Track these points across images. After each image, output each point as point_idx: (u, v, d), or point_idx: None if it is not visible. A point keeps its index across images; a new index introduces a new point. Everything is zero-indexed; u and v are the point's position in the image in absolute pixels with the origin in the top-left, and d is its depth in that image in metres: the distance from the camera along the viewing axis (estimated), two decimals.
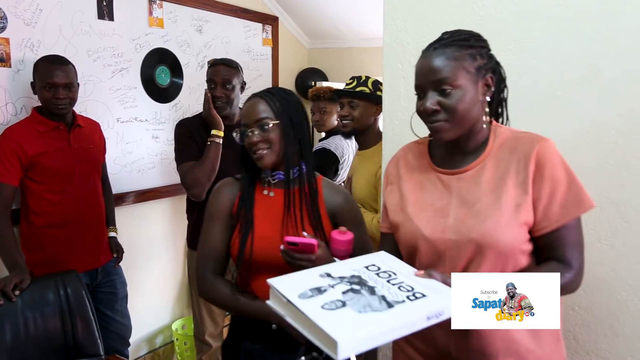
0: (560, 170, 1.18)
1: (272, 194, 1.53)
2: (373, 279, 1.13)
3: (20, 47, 2.36)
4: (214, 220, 1.54)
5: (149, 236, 3.04)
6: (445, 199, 1.25)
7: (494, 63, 1.24)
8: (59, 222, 2.23)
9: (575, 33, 1.57)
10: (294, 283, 1.12)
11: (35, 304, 1.99)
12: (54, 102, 2.15)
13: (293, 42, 4.10)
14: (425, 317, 1.03)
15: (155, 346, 3.18)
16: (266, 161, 1.47)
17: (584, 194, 1.18)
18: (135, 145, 2.91)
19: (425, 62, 1.20)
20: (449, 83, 1.16)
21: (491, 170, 1.22)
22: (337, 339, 0.91)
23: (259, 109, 1.47)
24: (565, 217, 1.17)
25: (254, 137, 1.45)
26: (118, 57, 2.77)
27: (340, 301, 1.04)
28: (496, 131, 1.26)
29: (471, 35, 1.22)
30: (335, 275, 1.15)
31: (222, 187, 1.57)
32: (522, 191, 1.17)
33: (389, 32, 1.89)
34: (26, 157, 2.13)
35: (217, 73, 2.39)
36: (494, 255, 1.17)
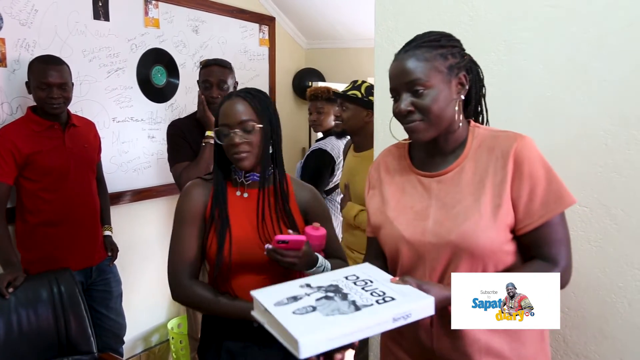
0: (539, 167, 1.17)
1: (246, 194, 1.54)
2: (348, 287, 1.16)
3: (15, 47, 2.37)
4: (185, 223, 1.51)
5: (144, 235, 3.05)
6: (425, 202, 1.25)
7: (468, 62, 1.24)
8: (53, 221, 2.25)
9: (565, 34, 1.58)
10: (274, 292, 1.16)
11: (29, 302, 2.01)
12: (48, 102, 2.16)
13: (290, 42, 4.10)
14: (392, 318, 1.05)
15: (151, 344, 3.19)
16: (246, 164, 1.47)
17: (564, 190, 1.17)
18: (131, 144, 2.92)
19: (398, 65, 1.21)
20: (422, 84, 1.17)
21: (470, 171, 1.22)
22: (298, 339, 0.97)
23: (242, 110, 1.46)
24: (547, 214, 1.16)
25: (236, 138, 1.45)
26: (114, 57, 2.78)
27: (311, 306, 1.09)
28: (474, 131, 1.26)
29: (442, 35, 1.23)
30: (314, 285, 1.18)
31: (192, 188, 1.54)
32: (500, 191, 1.17)
33: (380, 32, 1.90)
34: (21, 156, 2.15)
35: (212, 74, 2.40)
36: (473, 256, 1.17)
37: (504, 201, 1.16)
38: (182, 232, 1.51)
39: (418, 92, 1.17)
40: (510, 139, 1.20)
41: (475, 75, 1.26)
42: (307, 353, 0.98)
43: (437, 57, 1.18)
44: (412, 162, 1.32)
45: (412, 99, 1.19)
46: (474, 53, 1.72)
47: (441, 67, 1.18)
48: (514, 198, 1.17)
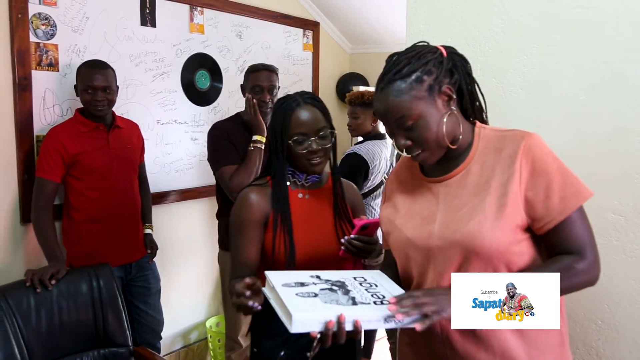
0: (552, 162, 1.14)
1: (307, 196, 1.59)
2: (353, 285, 1.23)
3: (67, 53, 2.50)
4: (246, 232, 1.54)
5: (185, 234, 3.14)
6: (433, 207, 1.23)
7: (448, 64, 1.18)
8: (96, 218, 2.35)
9: (598, 36, 1.53)
10: (286, 276, 1.25)
11: (70, 294, 2.10)
12: (93, 104, 2.27)
13: (334, 46, 4.13)
14: (383, 318, 1.09)
15: (189, 342, 3.27)
16: (321, 168, 1.55)
17: (579, 183, 1.14)
18: (174, 146, 3.02)
19: (380, 105, 1.18)
20: (408, 118, 1.15)
21: (476, 173, 1.20)
22: (293, 315, 1.06)
23: (318, 117, 1.53)
24: (567, 209, 1.12)
25: (314, 145, 1.51)
26: (159, 62, 2.89)
27: (313, 293, 1.17)
28: (480, 133, 1.23)
29: (410, 57, 1.17)
30: (323, 278, 1.25)
31: (249, 195, 1.56)
32: (507, 190, 1.14)
33: (411, 36, 1.89)
34: (68, 156, 2.26)
35: (264, 79, 2.45)
36: (480, 258, 1.15)
37: (510, 200, 1.13)
38: (241, 240, 1.54)
39: (407, 126, 1.16)
40: (517, 138, 1.16)
41: (461, 68, 1.20)
42: (297, 329, 1.06)
43: (413, 85, 1.14)
44: (422, 171, 1.31)
45: (406, 134, 1.18)
46: (504, 56, 1.71)
47: (421, 93, 1.14)
48: (529, 197, 1.13)
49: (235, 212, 1.57)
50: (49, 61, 2.44)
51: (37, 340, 1.97)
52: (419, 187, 1.29)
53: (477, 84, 1.25)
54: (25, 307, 1.97)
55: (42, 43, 2.40)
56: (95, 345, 2.14)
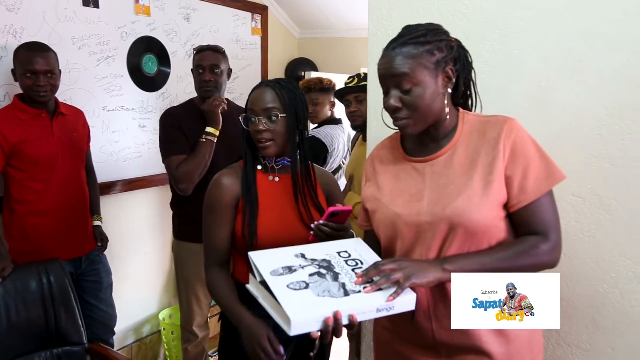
0: (530, 145, 1.22)
1: (277, 179, 1.60)
2: (340, 265, 1.24)
3: (2, 34, 2.32)
4: (217, 213, 1.56)
5: (135, 225, 3.03)
6: (420, 185, 1.28)
7: (455, 51, 1.25)
8: (42, 211, 2.22)
9: (561, 23, 1.57)
10: (271, 258, 1.26)
11: (18, 292, 1.98)
12: (34, 89, 2.12)
13: (283, 31, 4.07)
14: (375, 308, 1.12)
15: (142, 335, 3.17)
16: (269, 152, 1.54)
17: (554, 166, 1.22)
18: (121, 134, 2.89)
19: (385, 62, 1.23)
20: (409, 80, 1.20)
21: (462, 154, 1.26)
22: (291, 317, 1.07)
23: (268, 98, 1.52)
24: (540, 189, 1.20)
25: (260, 125, 1.51)
26: (103, 45, 2.74)
27: (304, 282, 1.18)
28: (464, 118, 1.30)
29: (428, 29, 1.23)
30: (308, 257, 1.26)
31: (222, 179, 1.58)
32: (492, 169, 1.20)
33: (374, 20, 1.87)
34: (8, 145, 2.11)
35: (205, 58, 2.39)
36: (467, 232, 1.20)
37: (495, 178, 1.20)
38: (213, 221, 1.56)
39: (405, 88, 1.20)
40: (499, 122, 1.24)
41: (464, 61, 1.28)
42: (296, 331, 1.08)
43: (423, 54, 1.20)
44: (404, 152, 1.35)
45: (399, 95, 1.22)
46: (468, 42, 1.70)
47: (428, 64, 1.20)
48: (508, 176, 1.20)
49: (208, 195, 1.59)
50: None
51: None
52: (402, 166, 1.33)
53: (473, 82, 1.32)
54: None
55: None
56: (47, 345, 2.02)
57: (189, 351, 2.63)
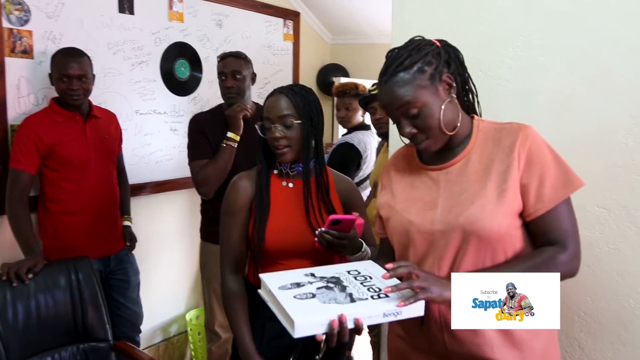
0: (547, 153, 1.19)
1: (291, 184, 1.61)
2: (349, 280, 1.24)
3: (42, 40, 2.42)
4: (233, 216, 1.58)
5: (165, 227, 3.09)
6: (434, 193, 1.27)
7: (445, 55, 1.23)
8: (73, 210, 2.29)
9: (586, 29, 1.53)
10: (280, 278, 1.27)
11: (48, 288, 2.05)
12: (68, 93, 2.20)
13: (315, 37, 4.10)
14: (382, 313, 1.11)
15: (169, 335, 3.23)
16: (286, 158, 1.55)
17: (572, 173, 1.19)
18: (153, 137, 2.96)
19: (385, 97, 1.23)
20: (413, 106, 1.19)
21: (476, 161, 1.24)
22: (295, 319, 1.08)
23: (283, 105, 1.53)
24: (558, 197, 1.17)
25: (276, 132, 1.52)
26: (138, 51, 2.82)
27: (311, 293, 1.19)
28: (478, 125, 1.29)
29: (410, 50, 1.21)
30: (318, 275, 1.27)
31: (239, 182, 1.61)
32: (506, 177, 1.18)
33: (397, 28, 1.88)
34: (43, 146, 2.19)
35: (227, 65, 2.42)
36: (481, 241, 1.18)
37: (510, 186, 1.18)
38: (229, 225, 1.59)
39: (413, 114, 1.20)
40: (515, 129, 1.22)
41: (455, 60, 1.25)
42: (300, 333, 1.09)
43: (415, 75, 1.19)
44: (420, 160, 1.35)
45: (410, 122, 1.21)
46: (491, 48, 1.71)
47: (423, 82, 1.19)
48: (524, 184, 1.18)
49: (225, 197, 1.62)
50: (23, 48, 2.36)
51: (14, 336, 1.91)
52: (418, 175, 1.33)
53: (469, 75, 1.29)
54: (1, 301, 1.91)
55: (15, 29, 2.32)
56: (74, 340, 2.09)
57: (212, 352, 2.67)
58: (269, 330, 1.55)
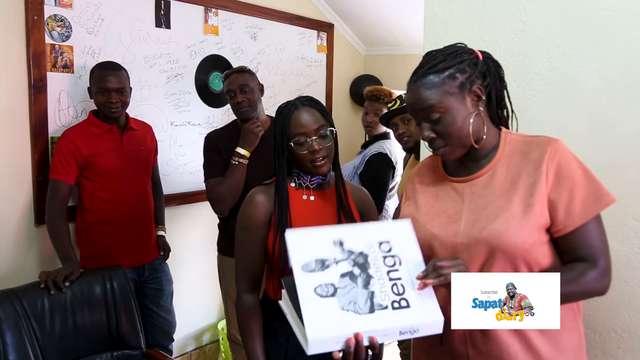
0: (576, 168, 1.16)
1: (312, 197, 1.59)
2: (376, 265, 1.19)
3: (82, 54, 2.51)
4: (250, 231, 1.55)
5: (198, 236, 3.13)
6: (458, 206, 1.25)
7: (482, 67, 1.21)
8: (109, 220, 2.35)
9: (622, 39, 1.49)
10: (307, 243, 1.21)
11: (84, 296, 2.09)
12: (107, 106, 2.27)
13: (348, 48, 4.11)
14: (399, 331, 1.10)
15: (202, 344, 3.26)
16: (325, 169, 1.53)
17: (603, 189, 1.16)
18: (187, 148, 3.02)
19: (410, 96, 1.22)
20: (436, 111, 1.18)
21: (502, 174, 1.22)
22: (309, 337, 1.07)
23: (315, 117, 1.52)
24: (588, 213, 1.14)
25: (315, 144, 1.50)
26: (173, 64, 2.89)
27: (332, 286, 1.15)
28: (506, 137, 1.26)
29: (447, 54, 1.20)
30: (346, 247, 1.21)
31: (256, 196, 1.57)
32: (533, 192, 1.16)
33: (429, 38, 1.86)
34: (82, 157, 2.26)
35: (232, 82, 2.40)
36: (505, 256, 1.16)
37: (537, 201, 1.15)
38: (246, 241, 1.56)
39: (434, 118, 1.19)
40: (543, 143, 1.20)
41: (494, 74, 1.23)
42: (314, 350, 1.08)
43: (445, 80, 1.18)
44: (445, 171, 1.33)
45: (431, 126, 1.20)
46: (524, 59, 1.67)
47: (452, 89, 1.18)
48: (552, 200, 1.15)
49: (241, 211, 1.59)
50: (64, 63, 2.44)
51: (51, 343, 1.97)
52: (442, 186, 1.31)
53: (507, 91, 1.27)
54: (39, 309, 1.97)
55: (57, 45, 2.41)
56: (108, 347, 2.13)
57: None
58: (293, 345, 1.52)
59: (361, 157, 2.86)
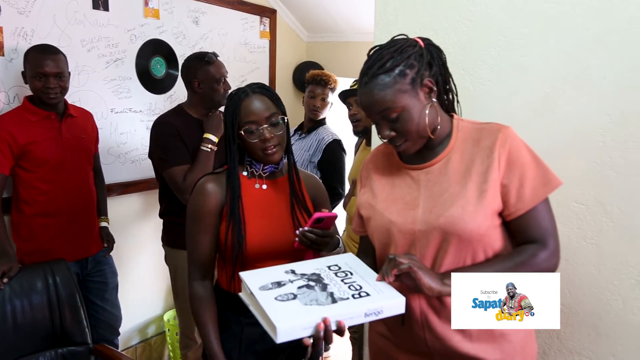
0: (526, 153, 1.21)
1: (264, 186, 1.57)
2: (329, 277, 1.23)
3: (13, 36, 2.35)
4: (201, 220, 1.52)
5: (141, 227, 3.05)
6: (415, 193, 1.28)
7: (427, 56, 1.22)
8: (49, 211, 2.24)
9: (566, 30, 1.57)
10: (261, 277, 1.25)
11: (24, 292, 2.00)
12: (45, 92, 2.15)
13: (291, 35, 4.08)
14: (364, 313, 1.12)
15: (147, 336, 3.19)
16: (276, 158, 1.50)
17: (550, 173, 1.22)
18: (129, 135, 2.91)
19: (364, 99, 1.22)
20: (392, 110, 1.19)
21: (457, 162, 1.25)
22: (276, 325, 1.07)
23: (267, 105, 1.49)
24: (538, 197, 1.20)
25: (266, 133, 1.47)
26: (113, 48, 2.77)
27: (292, 294, 1.18)
28: (458, 125, 1.30)
29: (392, 52, 1.20)
30: (298, 272, 1.27)
31: (206, 185, 1.53)
32: (486, 178, 1.20)
33: (380, 26, 1.88)
34: (17, 146, 2.14)
35: (221, 68, 2.41)
36: (461, 241, 1.20)
37: (490, 187, 1.19)
38: (198, 230, 1.52)
39: (392, 118, 1.20)
40: (494, 130, 1.24)
41: (437, 60, 1.24)
42: (283, 338, 1.08)
43: (397, 79, 1.18)
44: (400, 159, 1.35)
45: (389, 125, 1.21)
46: (473, 48, 1.73)
47: (404, 87, 1.18)
48: (504, 185, 1.20)
49: (191, 202, 1.55)
50: None
51: None
52: (398, 174, 1.33)
53: (450, 75, 1.29)
54: None
55: None
56: (52, 344, 2.05)
57: (188, 357, 2.63)
58: (247, 336, 1.53)
59: (311, 144, 2.87)
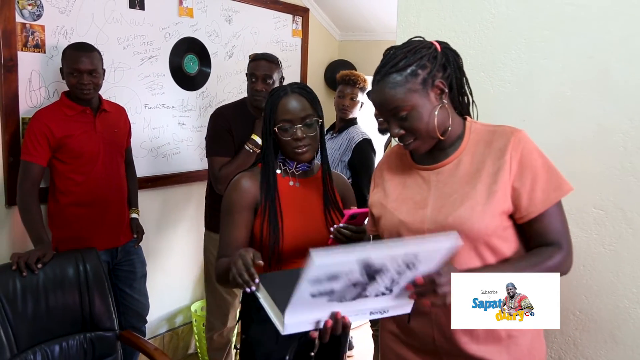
0: (537, 158, 1.22)
1: (298, 184, 1.62)
2: (383, 278, 1.05)
3: (54, 34, 2.47)
4: (235, 215, 1.55)
5: (171, 219, 3.14)
6: (425, 193, 1.30)
7: (442, 59, 1.23)
8: (82, 202, 2.34)
9: (587, 33, 1.55)
10: (330, 263, 0.98)
11: (56, 278, 2.09)
12: (79, 88, 2.25)
13: (323, 33, 4.11)
14: (369, 312, 1.12)
15: (174, 325, 3.29)
16: (307, 157, 1.56)
17: (561, 178, 1.23)
18: (161, 130, 3.01)
19: (376, 96, 1.25)
20: (402, 109, 1.21)
21: (467, 163, 1.27)
22: (284, 318, 1.06)
23: (302, 105, 1.54)
24: (549, 201, 1.20)
25: (299, 132, 1.52)
26: (147, 45, 2.86)
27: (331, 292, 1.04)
28: (470, 127, 1.31)
29: (407, 51, 1.22)
30: (372, 269, 1.02)
31: (242, 181, 1.58)
32: (497, 179, 1.21)
33: (402, 28, 1.90)
34: (54, 139, 2.24)
35: (259, 67, 2.45)
36: (470, 241, 1.21)
37: (500, 188, 1.20)
38: (230, 224, 1.55)
39: (401, 116, 1.22)
40: (507, 133, 1.24)
41: (453, 64, 1.26)
42: (289, 331, 1.08)
43: (408, 78, 1.20)
44: (412, 159, 1.37)
45: (399, 123, 1.24)
46: (493, 50, 1.73)
47: (415, 86, 1.20)
48: (515, 188, 1.21)
49: (226, 196, 1.59)
50: (35, 42, 2.40)
51: (23, 324, 1.97)
52: (410, 174, 1.35)
53: (466, 78, 1.31)
54: (11, 291, 1.96)
55: (28, 24, 2.37)
56: (81, 329, 2.14)
57: (214, 340, 2.72)
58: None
59: (341, 143, 2.90)
